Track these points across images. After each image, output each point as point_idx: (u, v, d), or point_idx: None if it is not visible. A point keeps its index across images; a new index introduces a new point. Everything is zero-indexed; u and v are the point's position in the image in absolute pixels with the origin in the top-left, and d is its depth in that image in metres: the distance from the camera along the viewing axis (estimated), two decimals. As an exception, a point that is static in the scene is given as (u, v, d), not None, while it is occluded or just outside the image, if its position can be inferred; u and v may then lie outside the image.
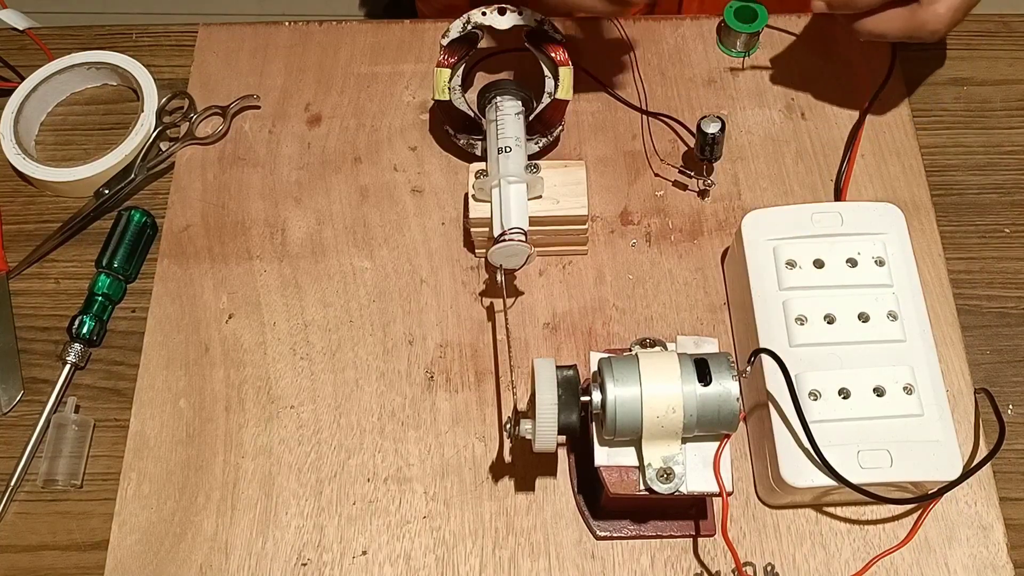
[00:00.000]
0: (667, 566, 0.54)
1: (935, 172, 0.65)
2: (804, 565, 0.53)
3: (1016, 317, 0.61)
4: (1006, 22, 0.71)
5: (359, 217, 0.64)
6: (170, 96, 0.68)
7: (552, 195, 0.58)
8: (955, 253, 0.63)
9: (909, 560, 0.53)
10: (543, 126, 0.63)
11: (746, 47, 0.69)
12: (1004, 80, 0.69)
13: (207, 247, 0.63)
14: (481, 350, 0.60)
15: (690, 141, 0.65)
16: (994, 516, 0.54)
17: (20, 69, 0.70)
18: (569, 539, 0.54)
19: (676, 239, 0.63)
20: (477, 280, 0.62)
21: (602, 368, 0.47)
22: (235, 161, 0.67)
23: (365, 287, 0.62)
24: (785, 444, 0.50)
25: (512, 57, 0.68)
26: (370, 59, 0.70)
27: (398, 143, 0.67)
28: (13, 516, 0.56)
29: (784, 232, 0.56)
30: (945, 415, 0.51)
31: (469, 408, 0.58)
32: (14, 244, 0.65)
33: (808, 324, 0.53)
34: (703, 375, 0.46)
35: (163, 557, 0.54)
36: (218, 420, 0.58)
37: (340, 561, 0.54)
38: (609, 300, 0.61)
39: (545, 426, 0.46)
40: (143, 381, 0.59)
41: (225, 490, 0.56)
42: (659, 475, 0.46)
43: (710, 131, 0.59)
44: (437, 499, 0.56)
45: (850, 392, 0.51)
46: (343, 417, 0.58)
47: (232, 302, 0.62)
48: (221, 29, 0.72)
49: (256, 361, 0.60)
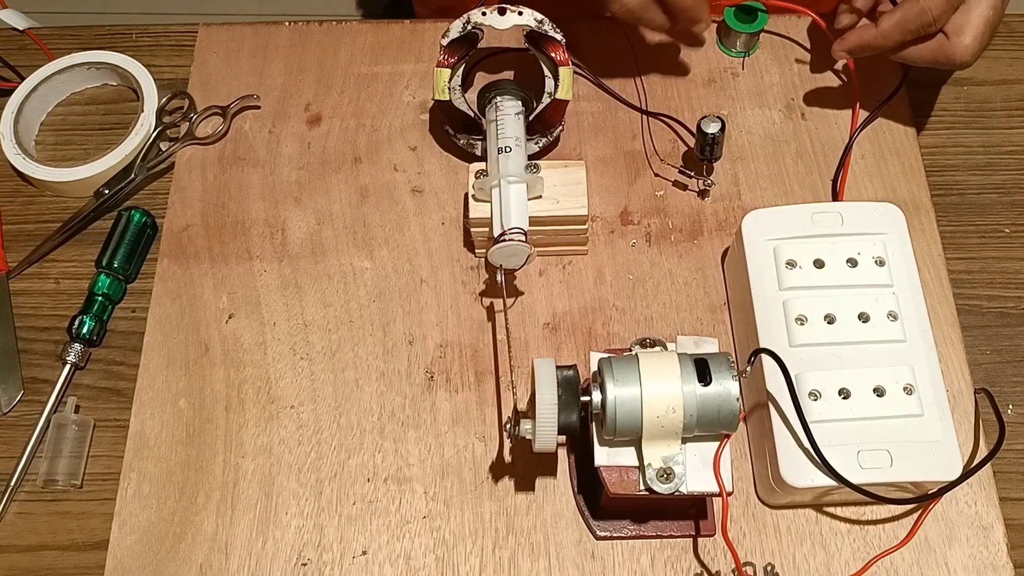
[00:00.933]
0: (667, 566, 0.54)
1: (935, 172, 0.65)
2: (804, 565, 0.53)
3: (1016, 317, 0.61)
4: (1006, 22, 0.71)
5: (359, 217, 0.64)
6: (170, 96, 0.68)
7: (552, 195, 0.58)
8: (955, 253, 0.63)
9: (909, 560, 0.53)
10: (543, 126, 0.63)
11: (746, 47, 0.69)
12: (1004, 80, 0.69)
13: (207, 247, 0.63)
14: (481, 350, 0.60)
15: (690, 141, 0.65)
16: (994, 516, 0.54)
17: (20, 69, 0.70)
18: (569, 539, 0.54)
19: (676, 239, 0.63)
20: (477, 280, 0.62)
21: (602, 368, 0.47)
22: (235, 161, 0.67)
23: (365, 287, 0.62)
24: (785, 444, 0.50)
25: (512, 57, 0.68)
26: (370, 59, 0.70)
27: (398, 143, 0.67)
28: (13, 516, 0.56)
29: (784, 232, 0.56)
30: (945, 415, 0.51)
31: (469, 408, 0.58)
32: (14, 244, 0.65)
33: (808, 324, 0.53)
34: (703, 375, 0.46)
35: (163, 557, 0.54)
36: (218, 420, 0.58)
37: (340, 561, 0.54)
38: (609, 300, 0.61)
39: (545, 426, 0.46)
40: (143, 381, 0.59)
41: (225, 490, 0.56)
42: (659, 475, 0.46)
43: (710, 131, 0.59)
44: (437, 499, 0.56)
45: (850, 392, 0.51)
46: (343, 417, 0.58)
47: (232, 302, 0.62)
48: (221, 29, 0.72)
49: (256, 361, 0.60)
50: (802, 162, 0.65)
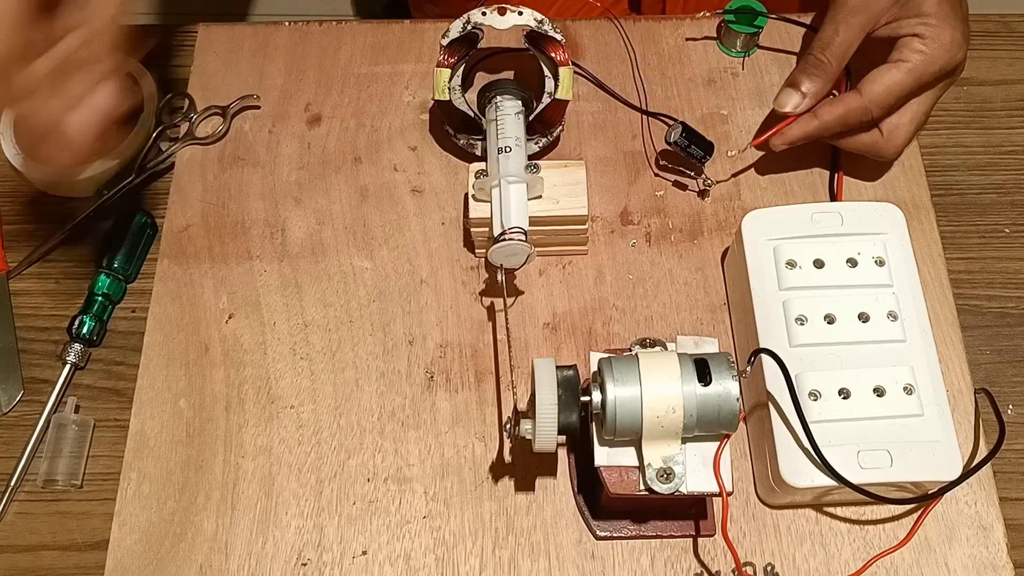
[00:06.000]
0: (667, 566, 0.54)
1: (935, 172, 0.65)
2: (804, 565, 0.53)
3: (1016, 317, 0.61)
4: (1006, 22, 0.71)
5: (359, 217, 0.64)
6: (170, 96, 0.68)
7: (552, 195, 0.58)
8: (955, 253, 0.63)
9: (909, 560, 0.53)
10: (543, 126, 0.63)
11: (746, 47, 0.69)
12: (1004, 80, 0.69)
13: (207, 247, 0.63)
14: (481, 350, 0.60)
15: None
16: (994, 516, 0.54)
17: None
18: (569, 539, 0.54)
19: (676, 239, 0.63)
20: (477, 280, 0.62)
21: (602, 368, 0.47)
22: (235, 161, 0.67)
23: (365, 287, 0.62)
24: (785, 444, 0.50)
25: (512, 57, 0.68)
26: (370, 59, 0.70)
27: (398, 143, 0.67)
28: (13, 516, 0.56)
29: (784, 232, 0.56)
30: (945, 415, 0.51)
31: (469, 408, 0.58)
32: (14, 244, 0.65)
33: (808, 324, 0.53)
34: (703, 375, 0.46)
35: (163, 557, 0.54)
36: (218, 420, 0.58)
37: (340, 561, 0.54)
38: (609, 300, 0.61)
39: (545, 426, 0.46)
40: (143, 381, 0.59)
41: (225, 490, 0.56)
42: (659, 475, 0.46)
43: (672, 140, 0.61)
44: (437, 499, 0.56)
45: (850, 392, 0.51)
46: (343, 417, 0.58)
47: (232, 302, 0.62)
48: (221, 29, 0.72)
49: (256, 361, 0.60)
50: (802, 162, 0.65)
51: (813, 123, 0.59)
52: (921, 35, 0.57)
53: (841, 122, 0.59)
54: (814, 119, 0.59)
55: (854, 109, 0.58)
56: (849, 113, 0.58)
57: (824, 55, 0.58)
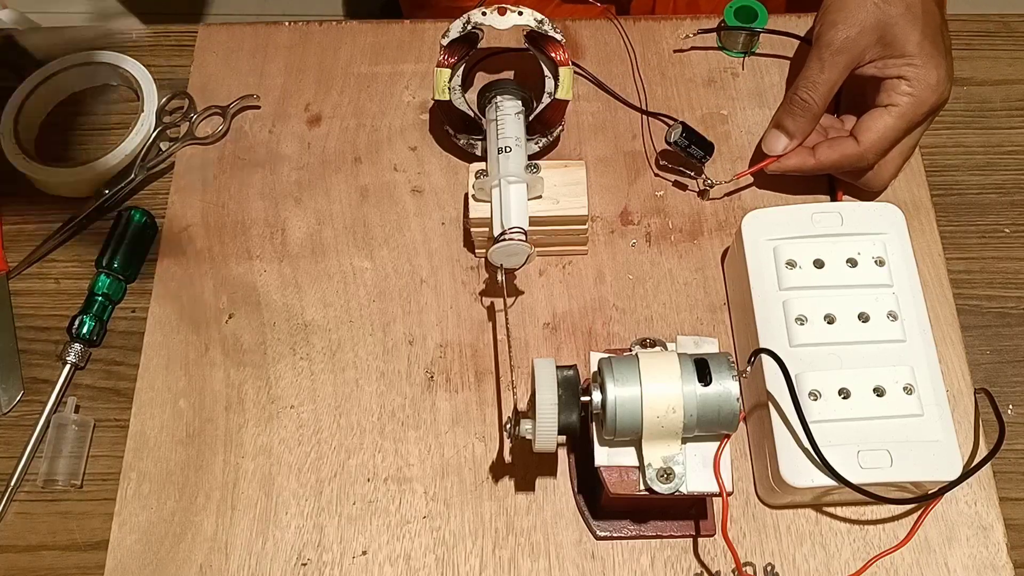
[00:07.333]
0: (667, 566, 0.54)
1: (935, 172, 0.65)
2: (804, 565, 0.53)
3: (1016, 317, 0.61)
4: (1006, 22, 0.71)
5: (359, 217, 0.64)
6: (170, 96, 0.68)
7: (552, 195, 0.58)
8: (955, 253, 0.63)
9: (909, 560, 0.53)
10: (543, 126, 0.63)
11: (746, 47, 0.69)
12: (1004, 80, 0.69)
13: (207, 247, 0.63)
14: (481, 350, 0.60)
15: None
16: (994, 516, 0.54)
17: (20, 69, 0.70)
18: (569, 539, 0.54)
19: (676, 239, 0.63)
20: (477, 280, 0.62)
21: (602, 368, 0.47)
22: (235, 161, 0.67)
23: (365, 287, 0.62)
24: (785, 444, 0.50)
25: (512, 57, 0.68)
26: (370, 59, 0.70)
27: (398, 143, 0.67)
28: (13, 516, 0.56)
29: (784, 232, 0.56)
30: (945, 415, 0.51)
31: (469, 408, 0.58)
32: (14, 244, 0.65)
33: (808, 324, 0.53)
34: (703, 375, 0.46)
35: (163, 557, 0.54)
36: (218, 420, 0.58)
37: (340, 561, 0.54)
38: (609, 300, 0.61)
39: (545, 426, 0.46)
40: (143, 381, 0.59)
41: (225, 490, 0.56)
42: (659, 475, 0.46)
43: (672, 140, 0.61)
44: (437, 499, 0.56)
45: (850, 392, 0.51)
46: (343, 417, 0.58)
47: (232, 302, 0.62)
48: (221, 29, 0.72)
49: (256, 361, 0.60)
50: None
51: (810, 161, 0.61)
52: (907, 78, 0.58)
53: (837, 166, 0.60)
54: (811, 158, 0.60)
55: (850, 155, 0.59)
56: (845, 159, 0.59)
57: (808, 94, 0.59)
